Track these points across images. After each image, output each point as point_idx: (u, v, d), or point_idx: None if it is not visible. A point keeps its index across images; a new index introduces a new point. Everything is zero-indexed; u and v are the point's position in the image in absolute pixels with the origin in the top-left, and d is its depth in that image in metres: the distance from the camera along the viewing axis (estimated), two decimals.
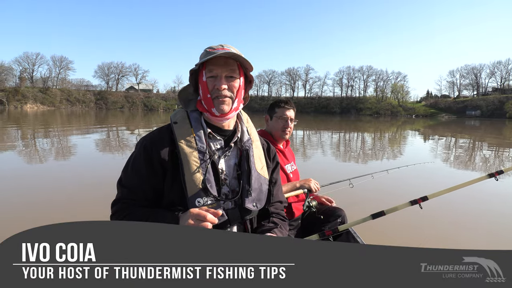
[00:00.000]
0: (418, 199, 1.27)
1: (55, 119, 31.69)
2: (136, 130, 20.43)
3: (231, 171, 1.33)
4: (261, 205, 1.37)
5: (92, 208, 4.48)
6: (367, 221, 1.64)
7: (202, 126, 1.31)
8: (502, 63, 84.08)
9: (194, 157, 1.24)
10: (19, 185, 5.84)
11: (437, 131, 26.42)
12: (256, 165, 1.36)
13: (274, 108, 2.56)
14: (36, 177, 6.74)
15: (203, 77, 1.27)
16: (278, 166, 1.55)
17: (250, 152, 1.36)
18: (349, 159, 10.15)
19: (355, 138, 18.16)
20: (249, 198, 1.30)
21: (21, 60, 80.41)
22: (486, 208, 4.93)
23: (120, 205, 1.25)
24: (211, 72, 1.26)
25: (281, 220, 1.47)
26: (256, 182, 1.34)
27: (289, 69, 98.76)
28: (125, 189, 1.27)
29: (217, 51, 1.24)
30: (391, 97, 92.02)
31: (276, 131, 2.51)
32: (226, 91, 1.26)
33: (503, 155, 11.69)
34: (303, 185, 2.41)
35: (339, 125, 33.03)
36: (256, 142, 1.43)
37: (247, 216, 1.33)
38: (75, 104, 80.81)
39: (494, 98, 77.59)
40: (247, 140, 1.38)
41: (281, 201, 1.53)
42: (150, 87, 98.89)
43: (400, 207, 1.23)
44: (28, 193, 5.36)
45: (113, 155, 9.86)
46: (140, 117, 42.62)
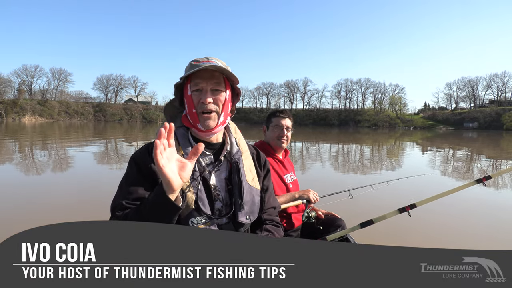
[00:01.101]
0: (406, 207, 1.27)
1: (54, 131, 31.68)
2: (134, 142, 20.41)
3: (222, 185, 1.30)
4: (254, 217, 1.34)
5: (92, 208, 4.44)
6: (369, 226, 1.62)
7: (190, 142, 1.28)
8: (499, 75, 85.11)
9: None
10: (17, 193, 5.80)
11: (435, 143, 26.50)
12: (247, 177, 1.34)
13: (270, 118, 2.58)
14: (34, 186, 6.71)
15: (188, 91, 1.25)
16: (269, 173, 1.51)
17: (240, 165, 1.33)
18: (348, 170, 10.15)
19: (353, 150, 18.18)
20: (241, 212, 1.28)
21: (20, 72, 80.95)
22: (485, 212, 4.92)
23: (115, 218, 1.13)
24: (196, 85, 1.23)
25: (275, 227, 1.45)
26: (248, 194, 1.31)
27: (287, 81, 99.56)
28: (118, 203, 1.16)
29: (202, 63, 1.23)
30: (389, 109, 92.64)
31: (272, 140, 2.52)
32: (212, 104, 1.24)
33: (500, 166, 11.71)
34: (302, 195, 2.40)
35: (337, 137, 33.11)
36: (245, 153, 1.40)
37: (241, 228, 1.30)
38: (74, 116, 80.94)
39: (491, 110, 78.26)
40: (237, 151, 1.36)
41: (274, 206, 1.50)
42: (149, 99, 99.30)
43: (388, 215, 1.22)
44: (27, 199, 5.33)
45: (110, 166, 9.83)
46: (138, 129, 42.64)
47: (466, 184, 1.29)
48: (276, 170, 2.42)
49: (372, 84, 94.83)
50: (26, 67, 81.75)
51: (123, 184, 1.21)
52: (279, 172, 2.44)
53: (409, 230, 4.19)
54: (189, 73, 1.21)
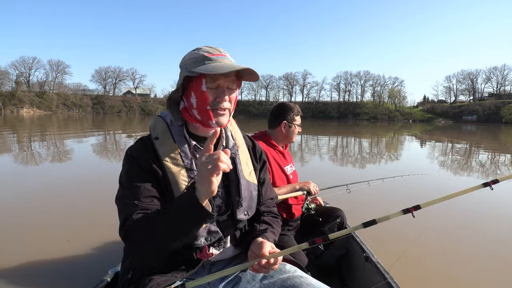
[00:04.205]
0: (410, 208, 1.25)
1: (52, 123, 31.56)
2: (133, 133, 20.37)
3: (219, 180, 1.30)
4: (252, 212, 1.34)
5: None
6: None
7: (186, 139, 1.24)
8: (498, 68, 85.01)
9: (182, 176, 1.17)
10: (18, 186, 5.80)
11: (434, 136, 26.52)
12: (244, 172, 1.31)
13: (293, 116, 2.52)
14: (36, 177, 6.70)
15: (202, 87, 1.15)
16: (266, 165, 1.50)
17: (236, 160, 1.30)
18: (346, 164, 10.16)
19: (352, 143, 18.20)
20: (240, 209, 1.27)
21: (18, 64, 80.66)
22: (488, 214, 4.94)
23: (132, 222, 1.06)
24: (214, 82, 1.15)
25: (273, 218, 1.44)
26: (246, 190, 1.29)
27: (286, 74, 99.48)
28: (129, 204, 1.10)
29: (218, 57, 1.16)
30: (388, 102, 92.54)
31: (290, 138, 2.53)
32: (227, 103, 1.19)
33: (499, 160, 11.74)
34: (303, 187, 2.41)
35: (336, 130, 33.08)
36: (242, 146, 1.37)
37: (239, 224, 1.30)
38: (72, 108, 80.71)
39: (490, 103, 78.29)
40: (233, 146, 1.33)
41: (271, 197, 1.49)
42: (147, 91, 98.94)
43: (392, 216, 1.20)
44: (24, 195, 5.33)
45: (109, 158, 9.82)
46: (137, 121, 42.52)
47: (473, 187, 1.28)
48: (277, 161, 2.42)
49: (372, 77, 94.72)
50: (23, 59, 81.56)
51: (126, 181, 1.16)
52: (280, 163, 2.44)
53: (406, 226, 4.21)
54: (218, 73, 1.10)
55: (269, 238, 1.27)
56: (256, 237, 1.26)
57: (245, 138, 1.45)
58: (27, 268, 2.96)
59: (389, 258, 3.03)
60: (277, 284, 1.19)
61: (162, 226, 1.01)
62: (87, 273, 2.86)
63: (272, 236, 1.32)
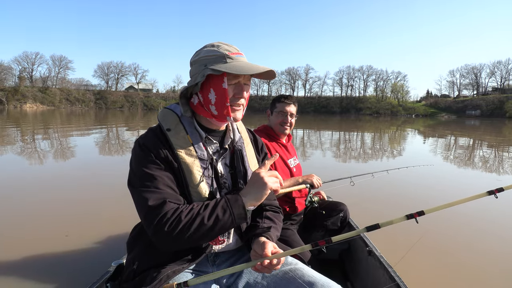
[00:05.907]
0: (414, 214, 1.25)
1: (55, 118, 31.67)
2: (136, 127, 20.41)
3: (227, 172, 1.31)
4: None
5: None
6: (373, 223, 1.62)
7: (198, 131, 1.26)
8: (502, 62, 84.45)
9: (196, 167, 1.19)
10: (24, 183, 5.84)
11: (437, 130, 26.40)
12: (250, 164, 1.36)
13: (275, 103, 2.56)
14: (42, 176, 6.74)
15: (224, 84, 1.17)
16: (266, 156, 1.53)
17: (243, 152, 1.35)
18: (349, 157, 10.14)
19: (355, 138, 18.15)
20: None
21: (21, 60, 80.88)
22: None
23: (169, 213, 1.07)
24: (236, 79, 1.19)
25: (274, 213, 1.47)
26: None
27: (289, 68, 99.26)
28: (151, 194, 1.09)
29: (237, 56, 1.19)
30: (391, 96, 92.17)
31: (276, 126, 2.51)
32: (243, 99, 1.25)
33: (503, 156, 11.67)
34: (306, 180, 2.41)
35: (339, 124, 32.99)
36: (246, 139, 1.42)
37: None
38: (75, 103, 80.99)
39: (494, 97, 77.79)
40: (239, 139, 1.37)
41: None
42: (149, 86, 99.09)
43: (395, 221, 1.21)
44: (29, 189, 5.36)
45: (111, 152, 9.86)
46: (140, 116, 42.59)
47: (477, 195, 1.28)
48: (280, 155, 2.41)
49: (374, 71, 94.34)
50: (26, 54, 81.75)
51: (144, 172, 1.13)
52: (283, 157, 2.44)
53: None
54: (249, 74, 1.17)
55: (272, 237, 1.30)
56: (258, 235, 1.29)
57: (247, 131, 1.49)
58: (27, 263, 2.96)
59: (389, 258, 3.00)
60: (279, 275, 1.24)
61: (207, 222, 1.08)
62: (89, 267, 2.87)
63: (275, 233, 1.36)
